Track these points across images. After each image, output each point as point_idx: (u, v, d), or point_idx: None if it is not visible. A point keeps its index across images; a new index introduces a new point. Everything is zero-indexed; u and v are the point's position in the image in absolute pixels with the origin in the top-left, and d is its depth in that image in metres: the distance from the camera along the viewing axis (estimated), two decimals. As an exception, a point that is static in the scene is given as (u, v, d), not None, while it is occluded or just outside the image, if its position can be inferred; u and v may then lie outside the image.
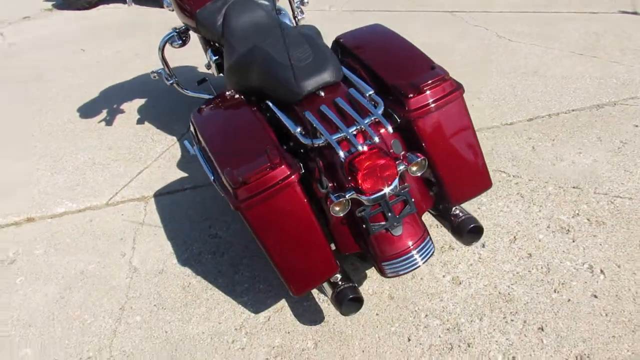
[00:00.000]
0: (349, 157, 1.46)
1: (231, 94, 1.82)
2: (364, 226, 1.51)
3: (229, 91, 1.84)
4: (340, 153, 1.43)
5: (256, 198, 1.43)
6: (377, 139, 1.45)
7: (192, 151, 1.73)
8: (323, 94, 1.61)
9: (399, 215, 1.51)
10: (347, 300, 1.52)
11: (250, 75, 1.79)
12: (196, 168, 2.63)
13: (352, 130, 1.47)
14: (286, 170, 1.44)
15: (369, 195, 1.47)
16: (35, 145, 3.12)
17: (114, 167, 2.79)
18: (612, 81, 3.00)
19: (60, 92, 3.82)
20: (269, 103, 1.72)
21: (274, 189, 1.43)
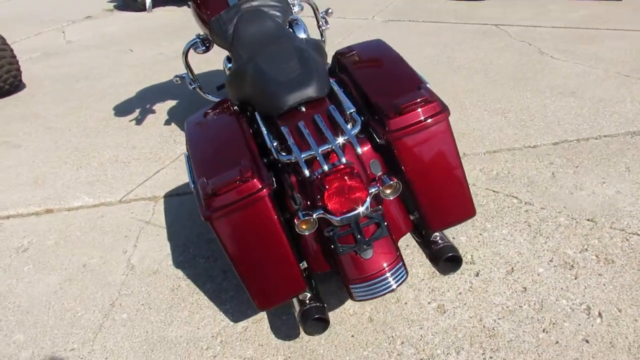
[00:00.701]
0: (319, 175, 1.44)
1: (227, 103, 1.84)
2: (332, 246, 1.48)
3: (226, 100, 1.87)
4: (305, 171, 1.40)
5: (224, 210, 1.43)
6: (344, 160, 1.41)
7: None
8: (304, 109, 1.60)
9: (368, 238, 1.47)
10: (310, 320, 1.49)
11: (244, 86, 1.81)
12: (208, 172, 2.67)
13: (323, 149, 1.45)
14: (257, 184, 1.43)
15: (339, 216, 1.44)
16: (70, 140, 3.29)
17: (134, 166, 2.90)
18: (655, 107, 2.79)
19: (102, 90, 4.01)
20: (256, 115, 1.72)
21: (242, 202, 1.43)
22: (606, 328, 1.64)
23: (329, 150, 1.46)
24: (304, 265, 1.59)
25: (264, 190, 1.43)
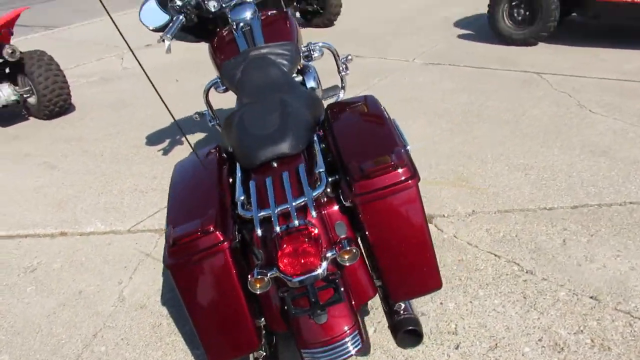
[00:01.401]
0: (279, 234, 1.42)
1: (216, 150, 1.87)
2: (286, 308, 1.45)
3: (218, 147, 1.90)
4: (258, 230, 1.39)
5: (183, 260, 1.44)
6: (297, 222, 1.39)
7: None
8: (276, 165, 1.59)
9: (323, 303, 1.42)
10: (258, 382, 1.46)
11: (229, 135, 1.83)
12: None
13: (282, 208, 1.43)
14: (217, 237, 1.43)
15: (294, 278, 1.41)
16: (99, 165, 3.46)
17: (150, 196, 3.00)
18: (692, 175, 2.56)
19: (141, 118, 4.21)
20: (237, 166, 1.74)
21: (201, 254, 1.43)
22: None
23: (298, 206, 1.44)
24: (263, 322, 1.57)
25: (224, 243, 1.43)
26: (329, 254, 1.43)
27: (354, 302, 1.52)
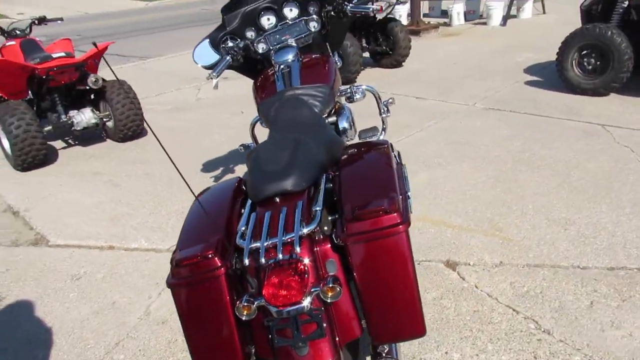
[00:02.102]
0: (268, 265, 1.50)
1: (239, 182, 2.00)
2: (270, 336, 1.51)
3: (240, 179, 2.03)
4: (245, 261, 1.48)
5: (182, 282, 1.55)
6: (281, 256, 1.46)
7: None
8: (278, 200, 1.68)
9: (304, 336, 1.47)
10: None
11: (249, 169, 1.96)
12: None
13: (272, 242, 1.51)
14: (215, 262, 1.53)
15: (277, 308, 1.47)
16: (156, 186, 3.74)
17: (193, 219, 3.19)
18: None
19: (202, 145, 4.49)
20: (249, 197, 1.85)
21: (198, 277, 1.54)
22: None
23: (286, 241, 1.52)
24: (253, 349, 1.63)
25: (221, 269, 1.52)
26: (313, 290, 1.48)
27: (338, 338, 1.54)
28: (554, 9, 9.88)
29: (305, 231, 1.52)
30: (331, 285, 1.45)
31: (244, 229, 1.65)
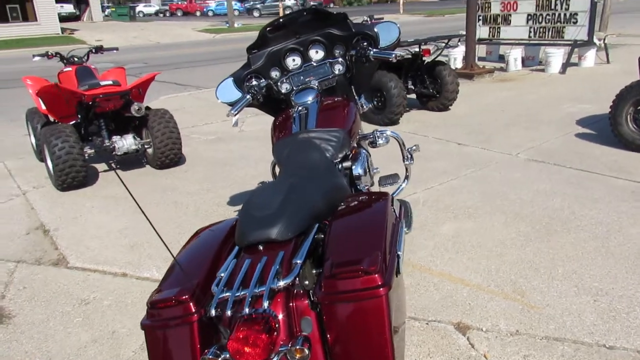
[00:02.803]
0: (239, 317, 1.43)
1: (233, 223, 1.95)
2: (236, 391, 1.42)
3: (235, 220, 1.99)
4: (212, 311, 1.41)
5: (156, 324, 1.51)
6: (247, 310, 1.38)
7: None
8: (261, 248, 1.62)
9: (270, 399, 1.37)
10: None
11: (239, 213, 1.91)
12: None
13: (242, 293, 1.44)
14: (189, 308, 1.49)
15: (243, 364, 1.39)
16: (180, 217, 3.77)
17: (208, 253, 3.17)
18: None
19: (235, 177, 4.53)
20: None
21: (171, 321, 1.50)
22: None
23: (257, 294, 1.45)
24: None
25: (194, 316, 1.48)
26: (282, 349, 1.39)
27: (307, 403, 1.44)
28: (620, 58, 9.48)
29: (281, 284, 1.44)
30: (299, 347, 1.36)
31: (222, 275, 1.60)
